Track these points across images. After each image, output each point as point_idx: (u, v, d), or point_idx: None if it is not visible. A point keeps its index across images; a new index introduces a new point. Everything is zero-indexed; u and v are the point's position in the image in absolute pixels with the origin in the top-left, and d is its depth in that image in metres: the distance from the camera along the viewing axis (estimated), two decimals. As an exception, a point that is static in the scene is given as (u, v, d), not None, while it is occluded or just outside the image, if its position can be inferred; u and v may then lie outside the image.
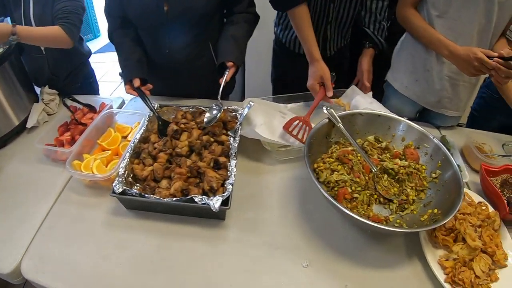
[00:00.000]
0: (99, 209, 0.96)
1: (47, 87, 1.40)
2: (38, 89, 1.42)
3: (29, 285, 0.90)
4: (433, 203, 0.98)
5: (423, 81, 1.28)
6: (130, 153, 1.01)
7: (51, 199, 1.01)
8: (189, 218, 0.94)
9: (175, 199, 0.88)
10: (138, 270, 0.83)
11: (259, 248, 0.89)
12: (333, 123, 1.05)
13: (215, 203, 0.85)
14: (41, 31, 1.25)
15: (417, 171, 1.04)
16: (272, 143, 1.11)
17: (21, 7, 1.34)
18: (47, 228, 0.94)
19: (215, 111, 1.13)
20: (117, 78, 3.50)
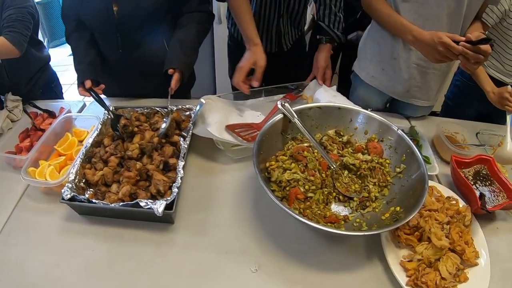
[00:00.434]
0: (55, 215, 0.96)
1: (10, 93, 1.39)
2: (3, 96, 1.40)
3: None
4: (396, 200, 0.91)
5: (390, 70, 1.20)
6: (81, 158, 0.99)
7: (11, 207, 1.00)
8: (139, 222, 0.92)
9: (121, 204, 0.86)
10: (88, 276, 0.82)
11: (207, 252, 0.86)
12: (289, 118, 0.98)
13: (159, 207, 0.82)
14: None
15: (381, 166, 0.97)
16: (224, 142, 1.05)
17: None
18: (6, 235, 0.92)
19: (164, 122, 1.10)
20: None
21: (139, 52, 1.25)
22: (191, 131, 1.07)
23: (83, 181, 0.97)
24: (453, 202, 0.96)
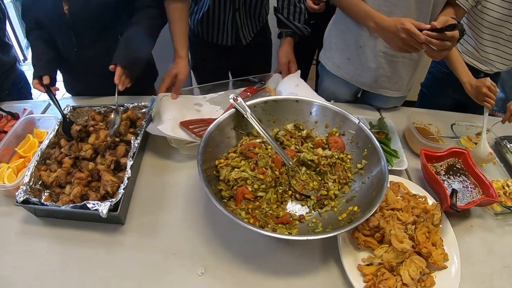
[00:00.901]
0: (14, 218, 0.94)
1: None
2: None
3: None
4: (356, 199, 0.84)
5: (356, 59, 1.12)
6: (37, 160, 0.98)
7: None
8: (91, 223, 0.90)
9: (71, 205, 0.85)
10: (42, 279, 0.80)
11: (155, 253, 0.83)
12: (241, 113, 0.91)
13: (103, 209, 0.81)
14: None
15: (341, 162, 0.90)
16: (178, 140, 0.99)
17: None
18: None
19: (116, 118, 1.05)
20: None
21: (95, 51, 1.22)
22: (143, 129, 1.02)
23: (39, 183, 0.96)
24: (420, 199, 0.89)
